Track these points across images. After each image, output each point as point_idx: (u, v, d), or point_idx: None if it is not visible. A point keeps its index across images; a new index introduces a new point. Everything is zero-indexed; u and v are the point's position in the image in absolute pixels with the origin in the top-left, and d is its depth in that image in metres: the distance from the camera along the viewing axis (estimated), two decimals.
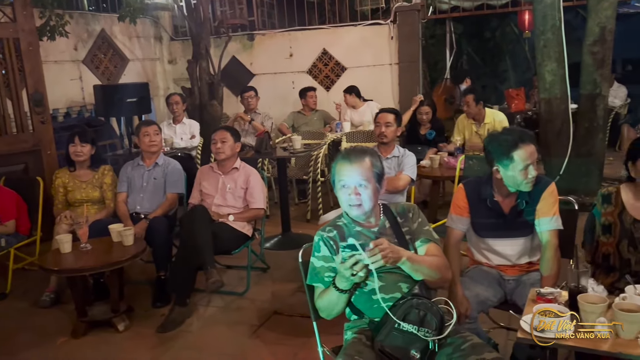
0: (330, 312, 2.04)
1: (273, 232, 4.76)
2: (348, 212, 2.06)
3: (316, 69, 7.32)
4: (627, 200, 2.28)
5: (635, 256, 2.25)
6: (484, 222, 2.47)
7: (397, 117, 3.73)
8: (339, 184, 2.02)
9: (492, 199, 2.42)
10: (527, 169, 2.28)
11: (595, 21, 5.04)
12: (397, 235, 2.08)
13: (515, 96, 7.48)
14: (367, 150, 2.10)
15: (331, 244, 2.05)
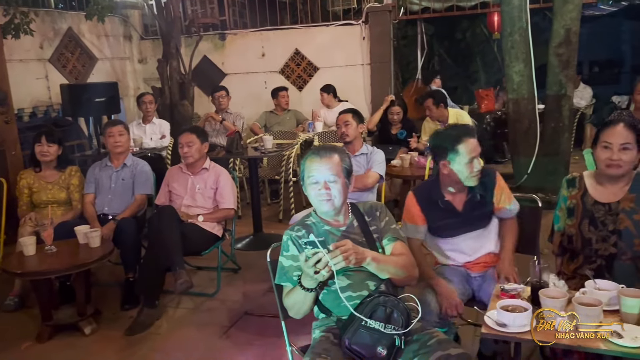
0: (298, 311, 2.04)
1: (245, 233, 4.74)
2: (318, 207, 2.06)
3: (288, 69, 7.31)
4: (590, 184, 2.37)
5: (595, 235, 2.31)
6: (441, 223, 2.52)
7: (356, 115, 3.79)
8: (309, 180, 2.04)
9: (443, 200, 2.50)
10: (472, 162, 2.39)
11: (561, 23, 5.15)
12: (364, 234, 2.09)
13: (484, 96, 7.59)
14: (335, 147, 2.13)
15: (299, 243, 2.04)
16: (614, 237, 2.28)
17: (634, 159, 2.23)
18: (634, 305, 1.79)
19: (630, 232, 2.26)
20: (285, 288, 2.07)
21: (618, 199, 2.28)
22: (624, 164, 2.22)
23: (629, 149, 2.22)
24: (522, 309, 1.86)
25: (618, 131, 2.24)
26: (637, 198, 2.26)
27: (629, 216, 2.25)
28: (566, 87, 5.30)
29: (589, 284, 2.02)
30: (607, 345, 1.71)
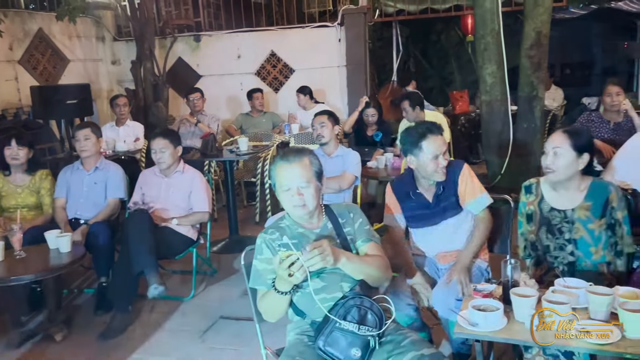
0: (273, 315, 2.03)
1: (221, 235, 4.71)
2: (292, 213, 2.05)
3: (264, 71, 7.29)
4: (546, 190, 2.40)
5: (553, 242, 2.36)
6: (413, 214, 2.61)
7: (331, 117, 3.82)
8: (281, 188, 2.01)
9: (415, 192, 2.58)
10: (436, 159, 2.45)
11: (532, 26, 5.24)
12: (338, 236, 2.09)
13: (459, 98, 7.68)
14: (303, 149, 2.10)
15: (273, 246, 2.03)
16: (570, 245, 2.33)
17: (569, 164, 2.26)
18: (602, 303, 1.82)
19: (585, 241, 2.31)
20: (260, 291, 2.05)
21: (573, 207, 2.32)
22: (556, 169, 2.26)
23: (560, 154, 2.25)
24: (494, 308, 1.89)
25: (552, 136, 2.32)
26: (593, 207, 2.29)
27: (584, 225, 2.30)
28: (538, 89, 5.41)
29: (558, 282, 2.06)
30: (577, 343, 1.74)
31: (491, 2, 5.28)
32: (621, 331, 1.73)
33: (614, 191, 2.30)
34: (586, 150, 2.28)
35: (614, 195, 2.29)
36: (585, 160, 2.28)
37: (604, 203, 2.28)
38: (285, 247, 1.81)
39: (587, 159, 2.28)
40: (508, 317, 1.89)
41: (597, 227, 2.29)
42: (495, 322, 1.84)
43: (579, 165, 2.27)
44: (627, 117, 4.28)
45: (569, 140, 2.25)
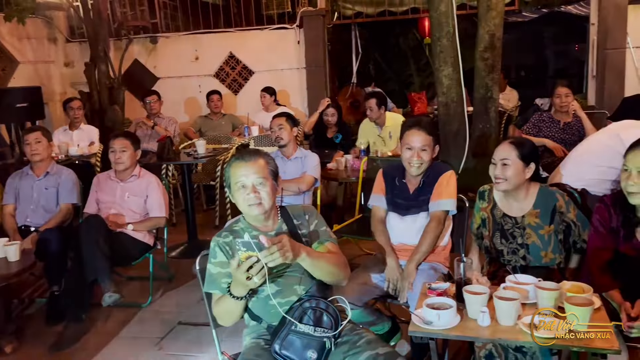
0: (228, 320, 2.00)
1: (180, 240, 4.63)
2: (247, 212, 2.01)
3: (223, 73, 7.22)
4: (498, 197, 2.49)
5: (506, 247, 2.44)
6: (393, 199, 2.72)
7: (290, 119, 3.82)
8: (237, 185, 1.98)
9: (401, 180, 2.70)
10: (411, 151, 2.56)
11: (485, 29, 5.37)
12: (294, 238, 2.07)
13: (417, 100, 7.80)
14: (258, 150, 2.10)
15: (227, 250, 2.00)
16: (522, 250, 2.41)
17: (517, 174, 2.34)
18: (550, 297, 1.87)
19: (537, 246, 2.39)
20: (215, 296, 2.02)
21: (523, 214, 2.40)
22: (504, 179, 2.35)
23: (508, 165, 2.34)
24: (448, 306, 1.92)
25: (499, 147, 2.41)
26: (542, 213, 2.38)
27: (535, 231, 2.38)
28: (492, 90, 5.54)
29: (509, 279, 2.11)
30: (525, 337, 1.78)
31: (446, 6, 5.38)
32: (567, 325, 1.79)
33: (561, 198, 2.39)
34: (532, 159, 2.36)
35: (561, 202, 2.38)
36: (532, 169, 2.37)
37: (552, 210, 2.38)
38: (246, 245, 1.78)
39: (533, 167, 2.37)
40: (462, 315, 1.93)
41: (547, 232, 2.39)
42: (449, 320, 1.87)
43: (527, 175, 2.37)
44: (576, 117, 4.44)
45: (515, 151, 2.34)
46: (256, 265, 1.73)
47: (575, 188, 3.04)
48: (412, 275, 2.51)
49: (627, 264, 2.15)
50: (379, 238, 2.72)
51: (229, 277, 1.96)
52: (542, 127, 4.47)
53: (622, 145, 3.03)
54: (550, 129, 4.44)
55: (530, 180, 2.42)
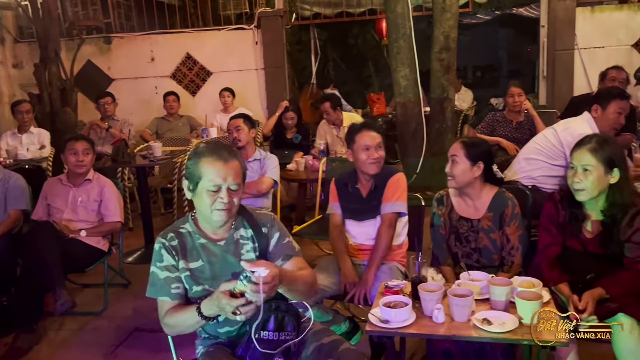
0: (181, 331, 1.87)
1: (137, 245, 4.53)
2: (210, 217, 1.84)
3: (180, 74, 7.11)
4: (455, 200, 2.55)
5: (460, 250, 2.50)
6: (347, 205, 2.75)
7: (247, 120, 3.79)
8: (208, 185, 1.78)
9: (353, 185, 2.73)
10: (367, 150, 2.60)
11: (440, 30, 5.46)
12: (253, 248, 1.92)
13: (376, 100, 7.85)
14: (234, 150, 1.92)
15: (174, 253, 1.86)
16: (475, 254, 2.48)
17: (464, 172, 2.41)
18: (502, 293, 1.92)
19: (488, 249, 2.46)
20: (163, 302, 1.87)
21: (479, 217, 2.46)
22: (453, 176, 2.44)
23: (456, 163, 2.42)
24: (403, 304, 1.94)
25: (452, 146, 2.48)
26: (494, 218, 2.45)
27: (487, 235, 2.45)
28: (448, 91, 5.63)
29: (463, 276, 2.15)
30: (478, 332, 1.82)
31: (402, 7, 5.44)
32: (518, 319, 1.84)
33: (510, 209, 2.44)
34: (480, 159, 2.42)
35: (509, 211, 2.44)
36: (481, 168, 2.42)
37: (501, 216, 2.44)
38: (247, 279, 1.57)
39: (482, 167, 2.42)
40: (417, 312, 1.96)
41: (498, 237, 2.45)
42: (404, 318, 1.89)
43: (475, 173, 2.42)
44: (528, 116, 4.58)
45: (463, 150, 2.41)
46: (250, 307, 1.60)
47: (527, 185, 3.14)
48: (370, 282, 2.52)
49: (574, 258, 2.22)
50: (333, 244, 2.76)
51: (179, 281, 1.86)
52: (496, 126, 4.59)
53: (559, 142, 3.16)
54: (503, 128, 4.56)
55: (485, 181, 2.48)
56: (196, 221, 1.92)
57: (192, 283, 1.86)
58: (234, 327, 1.87)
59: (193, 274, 1.86)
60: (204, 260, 1.87)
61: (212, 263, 1.87)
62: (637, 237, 2.11)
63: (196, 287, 1.86)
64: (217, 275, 1.86)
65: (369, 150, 2.62)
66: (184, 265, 1.86)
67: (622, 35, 6.30)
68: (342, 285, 2.59)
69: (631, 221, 2.13)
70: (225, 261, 1.88)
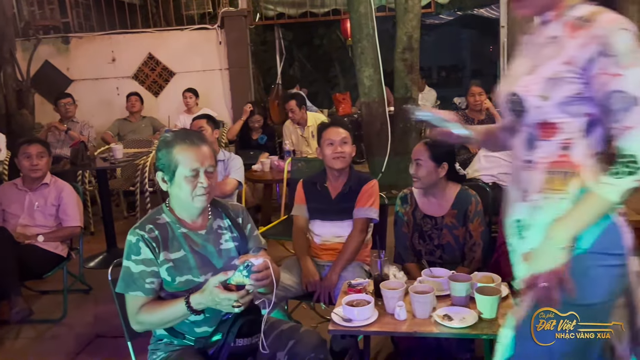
0: (155, 327, 1.85)
1: (99, 250, 4.43)
2: (192, 204, 1.82)
3: (142, 74, 6.98)
4: (419, 199, 2.57)
5: (424, 248, 2.52)
6: (315, 206, 2.74)
7: (210, 121, 3.76)
8: (187, 170, 1.78)
9: (322, 184, 2.73)
10: (332, 145, 2.63)
11: (403, 31, 5.52)
12: (231, 237, 1.93)
13: (342, 100, 7.90)
14: (201, 134, 1.97)
15: (154, 246, 1.81)
16: (438, 251, 2.51)
17: (429, 173, 2.44)
18: (462, 289, 1.95)
19: (451, 246, 2.50)
20: (135, 298, 1.81)
21: (443, 214, 2.50)
22: (418, 178, 2.47)
23: (421, 165, 2.45)
24: (366, 302, 1.95)
25: (415, 147, 2.51)
26: (458, 214, 2.48)
27: (450, 231, 2.49)
28: (411, 90, 5.70)
29: (425, 273, 2.17)
30: (439, 329, 1.84)
31: (365, 8, 5.49)
32: (478, 314, 1.86)
33: (474, 207, 2.49)
34: (444, 159, 2.45)
35: (472, 207, 2.48)
36: (445, 169, 2.45)
37: (465, 213, 2.48)
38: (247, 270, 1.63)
39: (446, 167, 2.46)
40: (380, 310, 1.97)
41: (461, 234, 2.49)
42: (367, 316, 1.90)
43: (440, 174, 2.46)
44: (489, 115, 4.66)
45: (427, 152, 2.43)
46: (247, 298, 1.65)
47: (487, 182, 3.20)
48: (334, 282, 2.52)
49: None
50: (295, 245, 2.76)
51: (154, 276, 1.81)
52: None
53: None
54: None
55: (449, 180, 2.51)
56: (172, 211, 1.90)
57: (176, 274, 1.82)
58: (212, 327, 1.85)
59: (176, 265, 1.83)
60: (185, 250, 1.85)
61: (195, 252, 1.86)
62: None
63: (180, 277, 1.83)
64: (199, 265, 1.85)
65: (333, 145, 2.63)
66: (165, 256, 1.82)
67: None
68: (304, 284, 2.59)
69: None
70: (205, 250, 1.88)
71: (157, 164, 1.86)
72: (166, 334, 1.90)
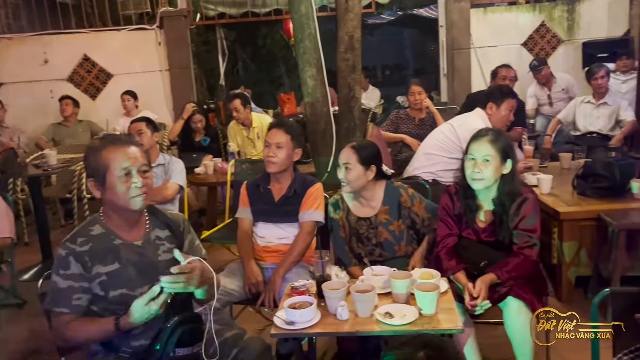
0: (82, 345, 1.79)
1: (34, 261, 4.22)
2: (132, 204, 1.75)
3: (78, 77, 6.71)
4: (350, 203, 2.58)
5: (363, 250, 2.54)
6: (258, 208, 2.71)
7: (150, 124, 3.66)
8: (118, 171, 1.72)
9: (265, 186, 2.70)
10: (267, 148, 2.62)
11: (344, 30, 5.54)
12: (169, 249, 1.87)
13: (287, 100, 7.86)
14: (129, 137, 1.94)
15: (85, 260, 1.74)
16: (378, 249, 2.52)
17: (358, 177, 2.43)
18: (402, 286, 1.97)
19: (389, 241, 2.52)
20: (61, 315, 1.74)
21: (375, 212, 2.52)
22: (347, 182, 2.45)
23: (350, 169, 2.43)
24: (308, 304, 1.94)
25: (342, 151, 2.50)
26: (390, 209, 2.51)
27: (386, 228, 2.51)
28: (354, 90, 5.73)
29: (366, 272, 2.19)
30: (381, 326, 1.85)
31: (306, 8, 5.47)
32: (418, 310, 1.89)
33: (405, 193, 2.53)
34: (373, 162, 2.47)
35: (405, 197, 2.52)
36: (374, 171, 2.47)
37: (398, 206, 2.50)
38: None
39: (375, 169, 2.47)
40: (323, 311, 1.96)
41: (397, 227, 2.52)
42: (309, 318, 1.89)
43: (368, 177, 2.47)
44: (429, 113, 4.76)
45: (355, 156, 2.44)
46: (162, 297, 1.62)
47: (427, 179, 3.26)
48: (278, 284, 2.50)
49: (469, 247, 2.33)
50: (240, 247, 2.73)
51: (84, 292, 1.74)
52: (400, 123, 4.74)
53: (457, 137, 3.32)
54: (407, 125, 4.73)
55: (377, 179, 2.53)
56: (107, 221, 1.82)
57: (109, 288, 1.76)
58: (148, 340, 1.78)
59: (110, 279, 1.76)
60: (120, 262, 1.78)
61: (130, 265, 1.79)
62: (524, 224, 2.25)
63: (114, 292, 1.76)
64: (134, 278, 1.78)
65: (267, 148, 2.63)
66: (98, 270, 1.75)
67: (513, 35, 6.71)
68: (246, 286, 2.55)
69: (517, 210, 2.27)
70: (142, 262, 1.81)
71: (88, 171, 1.80)
72: (101, 348, 1.83)
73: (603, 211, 2.92)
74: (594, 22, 6.59)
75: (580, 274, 3.12)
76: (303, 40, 5.56)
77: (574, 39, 6.65)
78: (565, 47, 6.69)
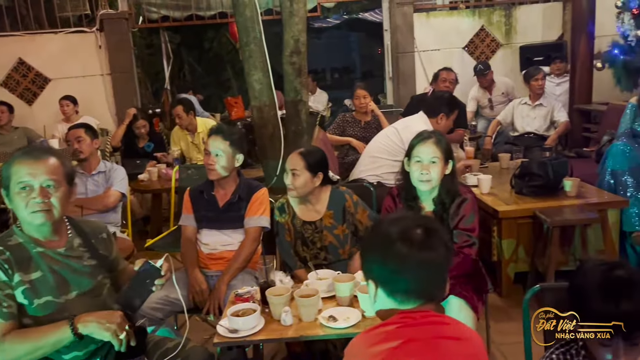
0: (23, 357, 1.65)
1: None
2: (30, 221, 1.71)
3: (13, 81, 6.40)
4: (295, 206, 2.60)
5: (308, 253, 2.55)
6: (202, 214, 2.68)
7: (89, 130, 3.57)
8: (18, 186, 1.68)
9: (209, 192, 2.66)
10: (206, 156, 2.58)
11: (290, 34, 5.54)
12: (92, 256, 1.85)
13: (234, 104, 7.79)
14: (52, 148, 1.87)
15: (6, 268, 1.68)
16: (323, 252, 2.55)
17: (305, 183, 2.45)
18: (345, 289, 1.99)
19: (334, 245, 2.54)
20: None
21: (321, 216, 2.54)
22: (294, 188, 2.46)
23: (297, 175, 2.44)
24: (252, 311, 1.93)
25: (290, 157, 2.53)
26: (335, 214, 2.54)
27: (331, 232, 2.54)
28: (301, 93, 5.73)
29: (311, 276, 2.20)
30: (324, 330, 1.86)
31: (251, 11, 5.43)
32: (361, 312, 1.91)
33: (350, 199, 2.56)
34: (319, 169, 2.49)
35: (349, 203, 2.55)
36: (321, 178, 2.49)
37: (343, 210, 2.53)
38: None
39: (322, 176, 2.50)
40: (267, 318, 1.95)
41: (341, 231, 2.54)
42: (252, 325, 1.88)
43: (315, 183, 2.49)
44: (375, 116, 4.83)
45: (303, 162, 2.45)
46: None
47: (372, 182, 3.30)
48: (223, 292, 2.48)
49: None
50: (183, 255, 2.70)
51: (11, 299, 1.67)
52: (346, 127, 4.79)
53: (400, 140, 3.39)
54: (353, 128, 4.78)
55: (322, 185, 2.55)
56: (25, 231, 1.77)
57: (33, 296, 1.70)
58: (83, 351, 1.73)
59: (34, 286, 1.70)
60: (43, 269, 1.73)
61: (54, 272, 1.74)
62: (463, 224, 2.32)
63: (38, 300, 1.70)
64: (59, 285, 1.74)
65: (207, 155, 2.60)
66: (21, 278, 1.69)
67: (454, 39, 6.90)
68: (190, 295, 2.52)
69: (457, 209, 2.33)
70: (67, 269, 1.77)
71: (2, 181, 1.75)
72: None
73: (538, 209, 3.05)
74: (530, 26, 6.87)
75: (519, 270, 3.24)
76: (249, 44, 5.51)
77: (511, 42, 6.91)
78: (504, 51, 6.94)
